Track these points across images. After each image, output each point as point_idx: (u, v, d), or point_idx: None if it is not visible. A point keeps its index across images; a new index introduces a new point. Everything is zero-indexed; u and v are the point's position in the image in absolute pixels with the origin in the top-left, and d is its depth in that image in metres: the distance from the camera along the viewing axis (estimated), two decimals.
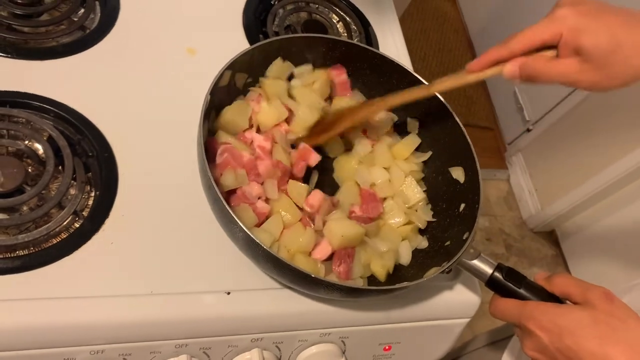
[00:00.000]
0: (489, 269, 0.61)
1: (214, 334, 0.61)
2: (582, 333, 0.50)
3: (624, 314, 0.51)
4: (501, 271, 0.60)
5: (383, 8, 1.02)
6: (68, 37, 0.75)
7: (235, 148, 0.66)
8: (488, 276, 0.61)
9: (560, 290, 0.56)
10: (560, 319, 0.51)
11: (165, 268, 0.62)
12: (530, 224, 2.31)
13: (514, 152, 2.42)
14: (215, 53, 0.75)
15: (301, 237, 0.64)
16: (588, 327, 0.50)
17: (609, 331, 0.49)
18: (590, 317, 0.50)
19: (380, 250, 0.68)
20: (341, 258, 0.65)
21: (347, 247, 0.66)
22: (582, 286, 0.54)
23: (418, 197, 0.74)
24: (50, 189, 0.63)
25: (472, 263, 0.62)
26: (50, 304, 0.55)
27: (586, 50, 0.54)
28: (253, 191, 0.65)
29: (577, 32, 0.55)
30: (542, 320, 0.52)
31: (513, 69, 0.59)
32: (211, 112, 0.66)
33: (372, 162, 0.75)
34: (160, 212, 0.65)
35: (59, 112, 0.67)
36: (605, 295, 0.52)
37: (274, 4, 0.90)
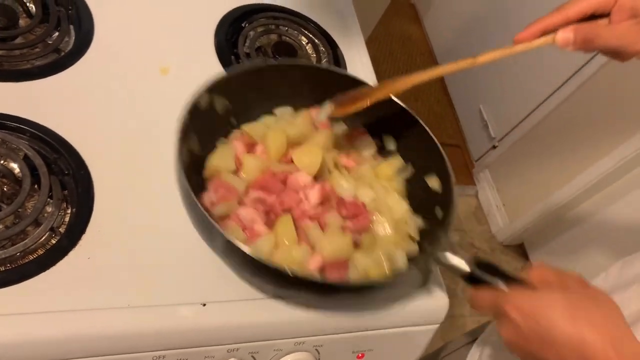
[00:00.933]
0: (465, 263, 0.62)
1: (191, 345, 0.63)
2: (556, 314, 0.50)
3: (597, 296, 0.52)
4: (477, 264, 0.61)
5: (350, 30, 1.06)
6: (43, 60, 0.76)
7: (228, 182, 0.68)
8: (465, 270, 0.61)
9: (537, 277, 0.57)
10: (534, 302, 0.52)
11: (142, 281, 0.63)
12: (500, 238, 2.37)
13: (481, 169, 2.49)
14: (187, 72, 0.78)
15: (295, 251, 0.65)
16: (562, 308, 0.50)
17: (583, 312, 0.50)
18: (565, 298, 0.51)
19: (375, 259, 0.70)
20: (334, 268, 0.67)
21: (339, 259, 0.67)
22: (558, 272, 0.56)
23: (404, 210, 0.76)
24: (26, 207, 0.64)
25: (449, 257, 0.63)
26: (27, 319, 0.56)
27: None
28: (247, 215, 0.66)
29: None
30: (518, 302, 0.53)
31: (567, 35, 0.59)
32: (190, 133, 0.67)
33: (357, 182, 0.77)
34: (136, 226, 0.67)
35: (35, 132, 0.68)
36: (578, 279, 0.54)
37: (244, 26, 0.94)
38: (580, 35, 0.59)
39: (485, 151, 2.47)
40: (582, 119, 2.01)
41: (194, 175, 0.67)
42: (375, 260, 0.69)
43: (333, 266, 0.66)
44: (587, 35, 0.58)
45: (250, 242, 0.65)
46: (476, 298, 0.59)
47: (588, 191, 1.99)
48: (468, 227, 2.39)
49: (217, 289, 0.65)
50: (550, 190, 2.12)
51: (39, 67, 0.75)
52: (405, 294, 0.75)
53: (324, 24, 1.02)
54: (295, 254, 0.65)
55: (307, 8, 1.03)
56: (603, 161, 1.90)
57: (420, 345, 0.79)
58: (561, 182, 2.07)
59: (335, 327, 0.70)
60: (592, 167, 1.94)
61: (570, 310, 0.50)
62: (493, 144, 2.40)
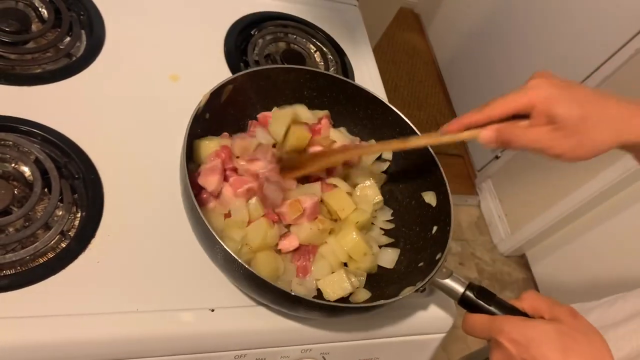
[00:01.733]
0: (460, 287, 0.63)
1: (198, 350, 0.63)
2: (547, 345, 0.52)
3: (586, 329, 0.54)
4: (472, 289, 0.63)
5: (357, 40, 1.07)
6: (54, 64, 0.77)
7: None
8: (460, 294, 0.63)
9: (529, 305, 0.59)
10: (527, 331, 0.53)
11: (151, 286, 0.63)
12: (501, 249, 2.37)
13: (484, 179, 2.49)
14: (197, 80, 0.78)
15: (267, 231, 0.67)
16: (553, 339, 0.52)
17: (573, 343, 0.52)
18: (556, 330, 0.53)
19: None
20: (302, 254, 0.69)
21: (311, 244, 0.70)
22: (549, 302, 0.57)
23: (378, 199, 0.77)
24: (36, 210, 0.64)
25: (445, 282, 0.64)
26: (36, 322, 0.56)
27: (559, 118, 0.58)
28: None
29: (550, 101, 0.59)
30: (511, 332, 0.54)
31: (490, 134, 0.63)
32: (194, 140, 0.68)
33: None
34: (145, 232, 0.67)
35: (46, 136, 0.69)
36: (570, 312, 0.55)
37: (254, 34, 0.94)
38: (500, 137, 0.62)
39: (488, 161, 2.47)
40: None
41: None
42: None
43: (302, 250, 0.70)
44: (506, 137, 0.62)
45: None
46: (470, 322, 0.61)
47: (591, 203, 1.99)
48: (469, 237, 2.39)
49: (225, 295, 0.65)
50: (552, 201, 2.12)
51: (50, 71, 0.76)
52: (412, 303, 0.75)
53: (332, 32, 1.03)
54: (270, 234, 0.67)
55: (316, 17, 1.04)
56: (606, 172, 1.90)
57: (425, 354, 0.79)
58: (564, 194, 2.07)
59: (342, 335, 0.70)
60: (595, 178, 1.94)
61: (561, 341, 0.52)
62: (496, 154, 2.40)
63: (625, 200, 1.89)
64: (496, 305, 0.60)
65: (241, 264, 0.57)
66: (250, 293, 0.65)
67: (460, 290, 0.63)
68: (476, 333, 0.60)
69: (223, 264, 0.61)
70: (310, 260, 0.70)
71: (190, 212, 0.61)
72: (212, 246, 0.60)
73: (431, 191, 0.76)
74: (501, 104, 0.62)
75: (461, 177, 2.53)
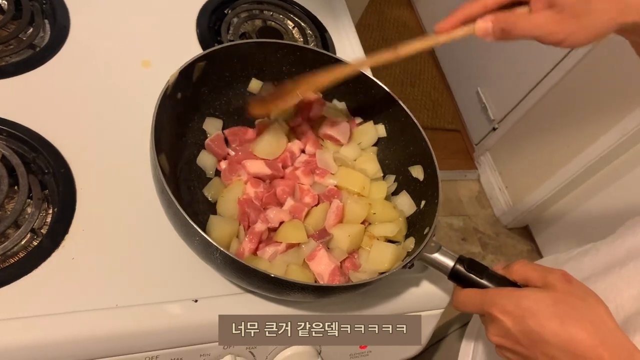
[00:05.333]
0: (450, 261, 0.61)
1: (184, 343, 0.60)
2: (543, 313, 0.50)
3: (583, 293, 0.51)
4: (462, 263, 0.60)
5: (337, 13, 1.03)
6: (17, 56, 0.74)
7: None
8: (450, 269, 0.61)
9: (520, 276, 0.56)
10: (521, 302, 0.51)
11: (130, 280, 0.60)
12: (504, 221, 2.34)
13: (482, 152, 2.46)
14: (170, 64, 0.74)
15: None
16: (549, 307, 0.50)
17: (570, 310, 0.49)
18: (551, 297, 0.51)
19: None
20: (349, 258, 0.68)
21: (355, 249, 0.68)
22: (541, 270, 0.55)
23: (375, 169, 0.76)
24: (6, 208, 0.62)
25: (434, 257, 0.62)
26: (11, 325, 0.53)
27: (560, 0, 0.55)
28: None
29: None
30: (504, 304, 0.52)
31: (486, 25, 0.58)
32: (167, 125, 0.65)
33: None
34: (121, 224, 0.64)
35: (12, 131, 0.66)
36: (564, 277, 0.53)
37: (227, 13, 0.91)
38: (498, 26, 0.58)
39: (486, 134, 2.43)
40: (583, 95, 1.97)
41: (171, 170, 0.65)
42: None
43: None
44: (505, 26, 0.57)
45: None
46: (460, 297, 0.58)
47: (591, 168, 1.96)
48: (471, 212, 2.36)
49: (208, 285, 0.63)
50: (553, 169, 2.09)
51: (13, 64, 0.72)
52: (405, 281, 0.72)
53: (311, 7, 0.99)
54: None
55: None
56: (606, 137, 1.86)
57: (425, 331, 0.76)
58: (564, 161, 2.03)
59: (335, 316, 0.67)
60: (595, 143, 1.90)
61: (557, 308, 0.50)
62: (493, 126, 2.36)
63: (627, 164, 1.86)
64: (488, 278, 0.58)
65: (218, 248, 0.54)
66: (233, 280, 0.62)
67: (449, 265, 0.61)
68: (468, 308, 0.58)
69: (201, 251, 0.58)
70: (356, 257, 0.68)
71: (162, 196, 0.58)
72: (189, 234, 0.57)
73: (418, 165, 0.73)
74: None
75: (459, 152, 2.49)
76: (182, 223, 0.56)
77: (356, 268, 0.67)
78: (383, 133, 0.78)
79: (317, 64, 0.74)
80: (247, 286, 0.62)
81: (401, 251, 0.67)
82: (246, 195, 0.68)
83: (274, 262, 0.64)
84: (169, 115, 0.64)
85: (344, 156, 0.74)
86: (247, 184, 0.69)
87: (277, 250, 0.65)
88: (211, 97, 0.73)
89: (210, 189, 0.69)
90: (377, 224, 0.70)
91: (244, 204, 0.67)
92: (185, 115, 0.69)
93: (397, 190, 0.75)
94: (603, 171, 1.95)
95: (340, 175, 0.72)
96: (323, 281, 0.63)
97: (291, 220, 0.67)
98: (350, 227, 0.68)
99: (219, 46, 0.70)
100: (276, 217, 0.66)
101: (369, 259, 0.67)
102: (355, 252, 0.69)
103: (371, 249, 0.67)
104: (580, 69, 1.96)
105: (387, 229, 0.69)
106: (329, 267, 0.64)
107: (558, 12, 0.55)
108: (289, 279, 0.56)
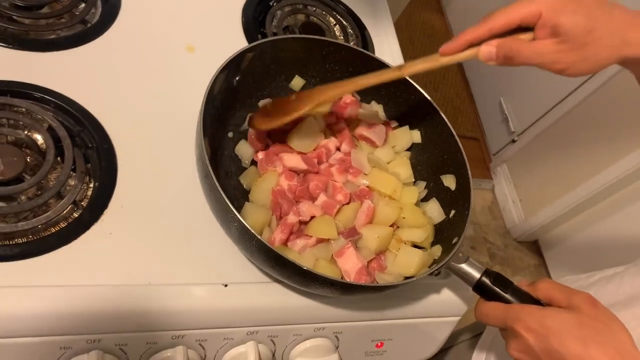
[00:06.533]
0: (476, 273, 0.62)
1: (210, 325, 0.62)
2: (567, 334, 0.50)
3: (608, 318, 0.52)
4: (489, 276, 0.61)
5: (379, 14, 1.04)
6: (69, 30, 0.75)
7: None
8: (476, 280, 0.61)
9: (545, 295, 0.57)
10: (546, 320, 0.52)
11: (163, 259, 0.62)
12: (514, 234, 2.34)
13: (499, 163, 2.46)
14: (214, 51, 0.75)
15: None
16: (573, 328, 0.50)
17: (594, 333, 0.50)
18: (576, 319, 0.51)
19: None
20: (375, 260, 0.69)
21: (382, 251, 0.69)
22: (566, 291, 0.55)
23: (408, 174, 0.77)
24: (49, 179, 0.63)
25: (461, 267, 0.63)
26: (48, 292, 0.55)
27: (564, 30, 0.55)
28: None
29: (555, 11, 0.55)
30: (529, 321, 0.53)
31: (490, 50, 0.59)
32: (211, 110, 0.66)
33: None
34: (158, 203, 0.66)
35: (60, 103, 0.67)
36: (590, 300, 0.53)
37: (272, 5, 0.92)
38: (502, 51, 0.58)
39: (504, 145, 2.43)
40: (605, 116, 1.96)
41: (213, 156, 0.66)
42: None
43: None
44: (509, 52, 0.58)
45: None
46: (484, 310, 0.59)
47: (607, 190, 1.95)
48: (483, 221, 2.37)
49: (239, 271, 0.64)
50: (568, 188, 2.08)
51: (64, 37, 0.74)
52: (426, 287, 0.73)
53: (353, 6, 1.00)
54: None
55: None
56: (624, 160, 1.85)
57: (440, 337, 0.77)
58: (579, 180, 2.03)
59: (356, 315, 0.69)
60: (613, 166, 1.90)
61: (581, 331, 0.50)
62: (512, 138, 2.36)
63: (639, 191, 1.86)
64: (512, 293, 0.59)
65: (255, 236, 0.55)
66: (263, 267, 0.64)
67: (476, 276, 0.62)
68: (490, 321, 0.58)
69: (237, 237, 0.59)
70: (382, 259, 0.69)
71: (204, 179, 0.59)
72: (227, 220, 0.58)
73: (451, 174, 0.74)
74: (504, 15, 0.58)
75: (476, 160, 2.49)
76: (222, 208, 0.57)
77: (382, 269, 0.68)
78: (418, 139, 0.78)
79: (360, 65, 0.75)
80: (276, 275, 0.63)
81: (427, 258, 0.68)
82: (280, 187, 0.69)
83: (304, 254, 0.65)
84: (214, 100, 0.65)
85: (378, 158, 0.75)
86: (281, 175, 0.70)
87: (307, 244, 0.66)
88: (255, 87, 0.74)
89: (246, 177, 0.70)
90: (405, 228, 0.71)
91: (278, 195, 0.68)
92: (228, 103, 0.71)
93: (426, 197, 0.76)
94: (617, 194, 1.94)
95: (373, 177, 0.73)
96: (349, 279, 0.64)
97: (322, 215, 0.68)
98: (380, 229, 0.69)
99: (269, 38, 0.71)
100: (308, 211, 0.68)
101: (395, 262, 0.68)
102: (382, 254, 0.70)
103: (399, 253, 0.68)
104: (605, 89, 1.95)
105: (415, 235, 0.70)
106: (357, 265, 0.65)
107: (561, 41, 0.56)
108: (319, 272, 0.57)
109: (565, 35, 0.55)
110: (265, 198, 0.68)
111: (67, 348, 0.56)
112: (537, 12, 0.56)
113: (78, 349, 0.57)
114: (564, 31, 0.55)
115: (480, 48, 0.59)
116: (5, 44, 0.69)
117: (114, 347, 0.58)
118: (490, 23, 0.58)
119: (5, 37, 0.70)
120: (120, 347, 0.59)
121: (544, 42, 0.57)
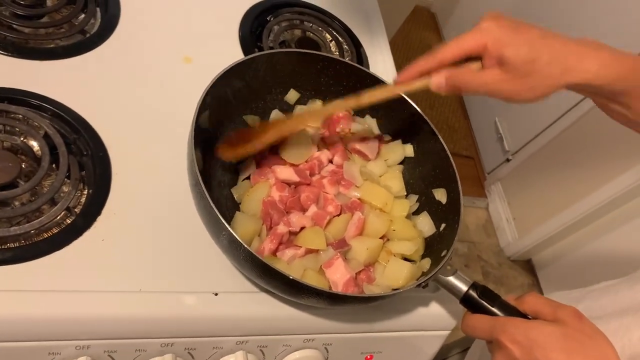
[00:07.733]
0: (464, 286, 0.62)
1: (200, 334, 0.62)
2: (552, 347, 0.51)
3: (592, 332, 0.52)
4: (476, 289, 0.61)
5: (374, 31, 1.05)
6: (68, 40, 0.76)
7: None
8: (463, 293, 0.62)
9: (531, 308, 0.57)
10: (531, 333, 0.52)
11: (155, 267, 0.62)
12: (508, 252, 2.35)
13: (494, 181, 2.47)
14: (210, 63, 0.76)
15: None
16: (558, 341, 0.51)
17: (578, 346, 0.50)
18: (560, 332, 0.52)
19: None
20: (364, 272, 0.69)
21: (371, 263, 0.69)
22: (552, 305, 0.56)
23: (399, 187, 0.78)
24: (43, 185, 0.64)
25: (448, 279, 0.63)
26: (38, 297, 0.55)
27: (508, 60, 0.57)
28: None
29: (500, 43, 0.58)
30: (514, 333, 0.53)
31: (439, 80, 0.61)
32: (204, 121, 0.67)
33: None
34: (151, 212, 0.66)
35: (56, 111, 0.68)
36: (575, 314, 0.54)
37: (269, 20, 0.93)
38: (450, 82, 0.61)
39: (499, 164, 2.45)
40: (599, 136, 1.98)
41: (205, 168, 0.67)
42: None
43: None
44: (457, 82, 0.61)
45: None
46: (470, 322, 0.59)
47: (600, 210, 1.96)
48: (477, 239, 2.37)
49: (230, 280, 0.65)
50: (562, 207, 2.10)
51: (63, 47, 0.75)
52: (416, 300, 0.74)
53: (349, 22, 1.02)
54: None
55: (333, 6, 1.03)
56: (618, 180, 1.87)
57: (429, 352, 0.77)
58: (573, 200, 2.04)
59: (346, 327, 0.69)
60: (606, 185, 1.91)
61: (565, 343, 0.51)
62: (507, 157, 2.38)
63: (632, 210, 1.87)
64: (499, 307, 0.59)
65: (244, 247, 0.56)
66: (251, 277, 0.64)
67: (463, 289, 0.62)
68: (477, 333, 0.59)
69: (226, 246, 0.60)
70: (371, 270, 0.70)
71: (194, 188, 0.60)
72: (216, 229, 0.59)
73: (442, 188, 0.75)
74: (452, 47, 0.60)
75: (471, 178, 2.51)
76: (211, 217, 0.58)
77: (371, 281, 0.69)
78: (411, 153, 0.80)
79: (354, 79, 0.76)
80: (265, 285, 0.63)
81: (416, 270, 0.69)
82: (270, 198, 0.70)
83: (292, 264, 0.66)
84: (208, 111, 0.66)
85: (370, 171, 0.76)
86: (273, 187, 0.71)
87: (295, 254, 0.66)
88: (250, 99, 0.75)
89: (238, 190, 0.71)
90: (395, 240, 0.72)
91: (268, 205, 0.68)
92: (222, 114, 0.71)
93: (418, 210, 0.77)
94: (610, 214, 1.96)
95: (365, 189, 0.74)
96: (337, 289, 0.64)
97: (312, 226, 0.68)
98: (370, 241, 0.69)
99: (265, 52, 0.72)
100: (298, 222, 0.68)
101: (384, 274, 0.68)
102: (371, 266, 0.70)
103: (387, 265, 0.69)
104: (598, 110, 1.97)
105: (405, 247, 0.71)
106: (345, 276, 0.65)
107: (506, 71, 0.58)
108: (306, 282, 0.58)
109: (511, 65, 0.57)
110: (256, 208, 0.69)
111: (56, 354, 0.56)
112: (482, 44, 0.59)
113: (67, 354, 0.57)
114: (508, 62, 0.57)
115: (432, 79, 0.62)
116: (4, 52, 0.70)
117: (103, 353, 0.58)
118: (439, 56, 0.61)
119: (5, 45, 0.71)
120: (109, 354, 0.59)
121: (490, 72, 0.59)
